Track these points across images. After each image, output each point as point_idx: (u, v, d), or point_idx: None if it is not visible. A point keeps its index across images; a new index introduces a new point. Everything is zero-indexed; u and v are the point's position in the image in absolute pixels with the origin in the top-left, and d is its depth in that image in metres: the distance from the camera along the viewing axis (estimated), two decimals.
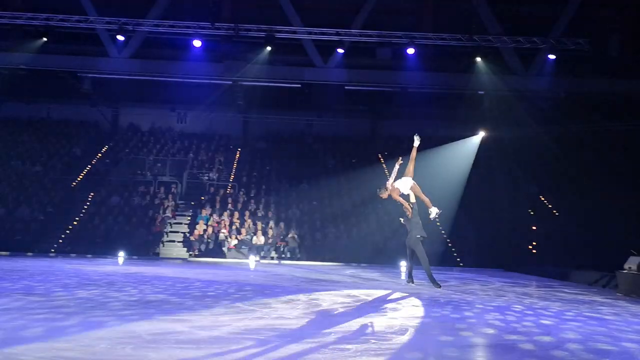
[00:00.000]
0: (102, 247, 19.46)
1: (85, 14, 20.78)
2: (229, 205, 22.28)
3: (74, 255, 18.91)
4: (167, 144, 26.52)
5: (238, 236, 20.29)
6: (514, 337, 6.14)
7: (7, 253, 18.62)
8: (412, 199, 11.37)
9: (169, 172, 24.49)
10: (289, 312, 7.28)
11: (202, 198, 22.92)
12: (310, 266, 17.63)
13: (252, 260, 16.92)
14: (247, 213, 21.73)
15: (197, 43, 20.10)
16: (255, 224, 20.88)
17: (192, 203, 22.90)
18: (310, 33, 20.87)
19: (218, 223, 21.02)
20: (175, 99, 25.74)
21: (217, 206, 22.17)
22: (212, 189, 23.69)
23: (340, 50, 21.11)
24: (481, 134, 24.22)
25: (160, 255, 19.87)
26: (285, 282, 11.54)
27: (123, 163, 25.01)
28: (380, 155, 25.93)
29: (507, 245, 20.63)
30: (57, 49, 21.56)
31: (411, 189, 11.20)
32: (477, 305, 8.68)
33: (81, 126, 27.61)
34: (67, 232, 20.83)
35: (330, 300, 8.78)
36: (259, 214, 21.90)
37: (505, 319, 7.45)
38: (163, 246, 20.54)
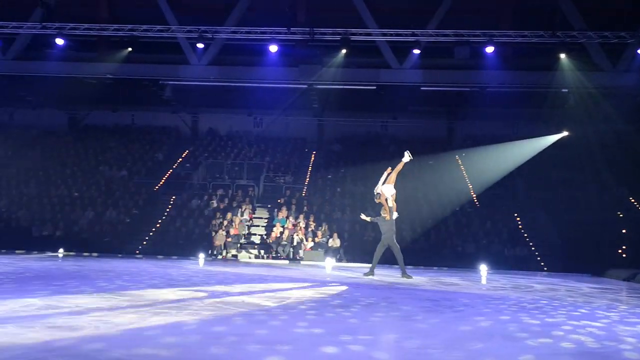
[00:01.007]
0: (183, 249, 20.07)
1: (167, 24, 21.57)
2: (305, 208, 22.44)
3: (160, 257, 19.55)
4: (244, 148, 27.08)
5: (315, 239, 20.37)
6: (612, 344, 5.75)
7: (96, 254, 19.54)
8: (390, 204, 13.13)
9: (246, 175, 24.99)
10: (367, 314, 7.17)
11: (279, 201, 23.20)
12: (387, 269, 17.41)
13: (329, 264, 16.90)
14: (322, 216, 21.80)
15: (273, 48, 20.40)
16: (331, 227, 20.89)
17: (269, 206, 23.23)
18: (385, 34, 20.71)
19: (294, 226, 21.20)
20: (252, 104, 26.27)
21: (293, 209, 22.38)
22: (288, 192, 23.96)
23: (417, 51, 20.84)
24: (565, 133, 23.19)
25: (239, 258, 20.26)
26: (363, 286, 11.43)
27: (202, 167, 25.77)
28: (457, 157, 25.36)
29: (595, 249, 19.57)
30: (141, 58, 22.51)
31: (391, 195, 13.17)
32: (565, 311, 8.24)
33: (163, 132, 28.68)
34: (151, 234, 21.66)
35: (411, 304, 8.59)
36: (335, 217, 21.90)
37: (598, 325, 7.02)
38: (241, 248, 20.94)
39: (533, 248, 20.38)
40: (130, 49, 21.61)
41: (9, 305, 6.82)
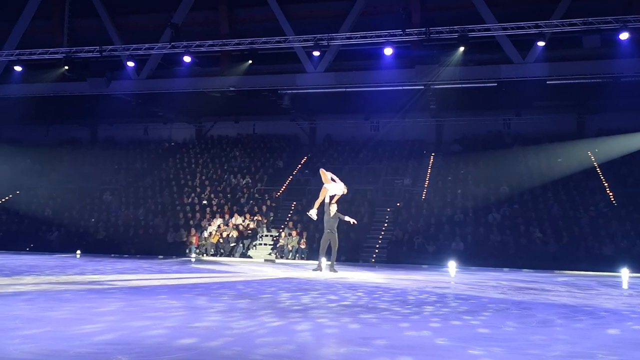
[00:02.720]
0: (306, 253, 20.44)
1: (283, 35, 22.16)
2: (424, 211, 21.99)
3: (285, 260, 20.04)
4: (361, 152, 27.11)
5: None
6: None
7: (219, 258, 20.44)
8: (334, 201, 14.02)
9: (364, 179, 24.97)
10: (499, 322, 6.79)
11: (398, 204, 22.95)
12: (517, 273, 16.57)
13: (452, 267, 16.43)
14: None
15: (388, 51, 20.25)
16: (453, 230, 20.30)
17: (388, 209, 23.03)
18: (505, 29, 19.79)
19: (414, 229, 20.85)
20: (369, 108, 26.27)
21: (413, 212, 22.01)
22: (406, 195, 23.62)
23: (541, 43, 19.68)
24: None
25: (360, 261, 20.26)
26: (491, 290, 10.92)
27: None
28: (590, 153, 23.68)
29: None
30: (260, 69, 23.30)
31: (337, 195, 14.05)
32: None
33: (282, 139, 29.49)
34: (274, 239, 22.30)
35: (547, 311, 8.04)
36: (456, 219, 21.26)
37: None
38: (362, 251, 20.94)
39: None
40: (250, 62, 22.43)
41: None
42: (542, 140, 25.01)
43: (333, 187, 14.02)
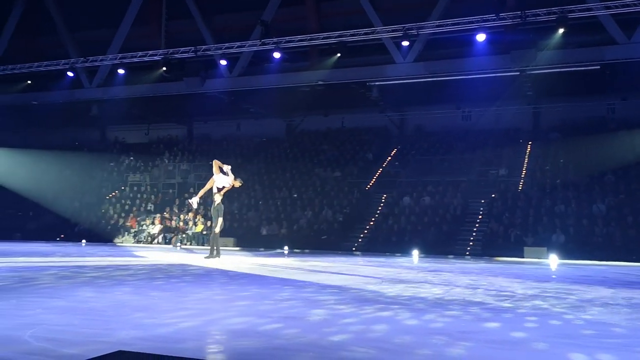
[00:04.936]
0: (396, 246, 20.23)
1: (371, 26, 21.98)
2: (520, 202, 21.12)
3: (375, 253, 19.93)
4: (453, 143, 26.45)
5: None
6: None
7: (309, 251, 20.63)
8: (222, 192, 14.53)
9: (456, 170, 24.35)
10: (606, 321, 6.35)
11: (493, 196, 22.19)
12: (625, 267, 15.54)
13: (553, 260, 15.70)
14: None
15: (481, 37, 19.56)
16: (553, 221, 19.37)
17: (482, 201, 22.33)
18: (608, 7, 18.52)
19: (510, 221, 20.09)
20: (459, 97, 25.56)
21: (509, 203, 21.21)
22: (502, 186, 22.79)
23: None
24: None
25: (453, 254, 19.77)
26: (596, 286, 10.27)
27: (412, 164, 25.77)
28: None
29: None
30: (349, 62, 23.24)
31: (223, 187, 14.44)
32: None
33: (371, 132, 29.34)
34: (365, 232, 22.27)
35: None
36: (557, 211, 20.25)
37: None
38: (455, 243, 20.45)
39: None
40: (339, 55, 22.44)
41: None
42: None
43: (221, 178, 14.31)
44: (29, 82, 27.36)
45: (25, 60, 26.14)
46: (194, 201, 15.12)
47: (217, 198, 14.45)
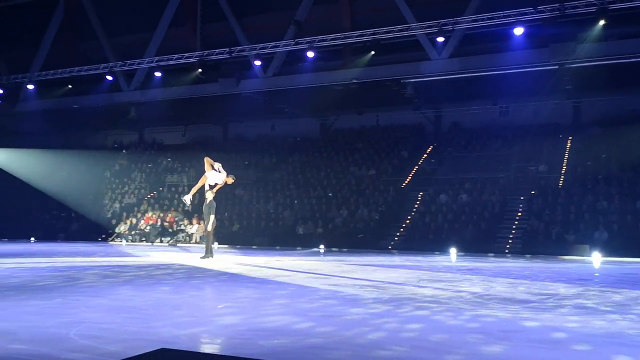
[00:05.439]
0: (434, 244, 20.02)
1: (405, 23, 21.79)
2: (560, 199, 20.67)
3: (412, 251, 19.77)
4: (490, 139, 26.02)
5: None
6: None
7: (346, 250, 20.59)
8: (214, 190, 14.38)
9: (493, 167, 23.96)
10: None
11: (532, 192, 21.75)
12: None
13: (596, 258, 15.29)
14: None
15: (518, 31, 19.17)
16: (596, 218, 18.88)
17: (522, 198, 21.91)
18: None
19: (551, 218, 19.67)
20: (496, 93, 25.10)
21: (549, 200, 20.77)
22: (542, 182, 22.33)
23: None
24: None
25: (492, 252, 19.46)
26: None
27: (448, 162, 25.47)
28: None
29: None
30: (383, 60, 23.08)
31: (216, 184, 14.28)
32: None
33: (406, 130, 29.08)
34: (402, 230, 22.12)
35: None
36: (599, 207, 19.74)
37: None
38: (495, 241, 20.13)
39: None
40: (372, 53, 22.30)
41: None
42: None
43: (213, 175, 14.19)
44: (70, 86, 28.06)
45: (67, 65, 26.85)
46: (187, 199, 15.11)
47: (209, 196, 14.39)
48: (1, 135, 30.67)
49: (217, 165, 14.38)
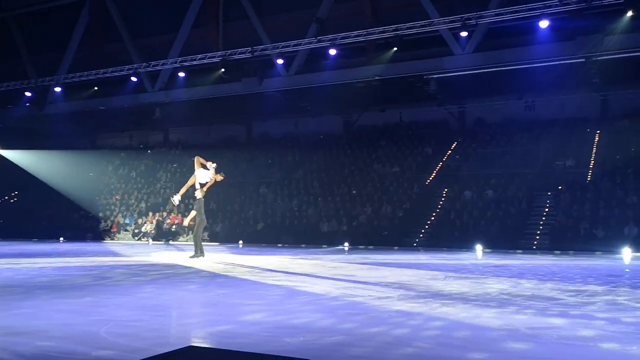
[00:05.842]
0: (459, 241, 19.85)
1: (428, 18, 21.60)
2: (588, 194, 20.32)
3: (438, 248, 19.62)
4: (515, 134, 25.68)
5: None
6: None
7: (371, 247, 20.51)
8: (204, 188, 14.29)
9: (519, 162, 23.63)
10: None
11: (560, 187, 21.42)
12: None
13: (626, 254, 15.03)
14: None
15: (543, 24, 18.87)
16: (625, 214, 18.52)
17: (549, 193, 21.59)
18: None
19: (579, 213, 19.35)
20: (522, 87, 24.71)
21: (577, 195, 20.43)
22: (569, 178, 21.97)
23: None
24: None
25: (520, 248, 19.23)
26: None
27: (473, 158, 25.21)
28: None
29: None
30: (405, 56, 22.92)
31: (206, 182, 14.23)
32: None
33: (430, 126, 28.83)
34: (427, 227, 21.98)
35: None
36: (629, 202, 19.36)
37: None
38: (522, 237, 19.88)
39: None
40: (395, 49, 22.15)
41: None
42: None
43: (202, 174, 14.13)
44: (96, 88, 28.48)
45: (93, 67, 27.27)
46: (176, 199, 15.08)
47: (199, 194, 14.40)
48: (30, 138, 31.28)
49: (210, 164, 14.29)
